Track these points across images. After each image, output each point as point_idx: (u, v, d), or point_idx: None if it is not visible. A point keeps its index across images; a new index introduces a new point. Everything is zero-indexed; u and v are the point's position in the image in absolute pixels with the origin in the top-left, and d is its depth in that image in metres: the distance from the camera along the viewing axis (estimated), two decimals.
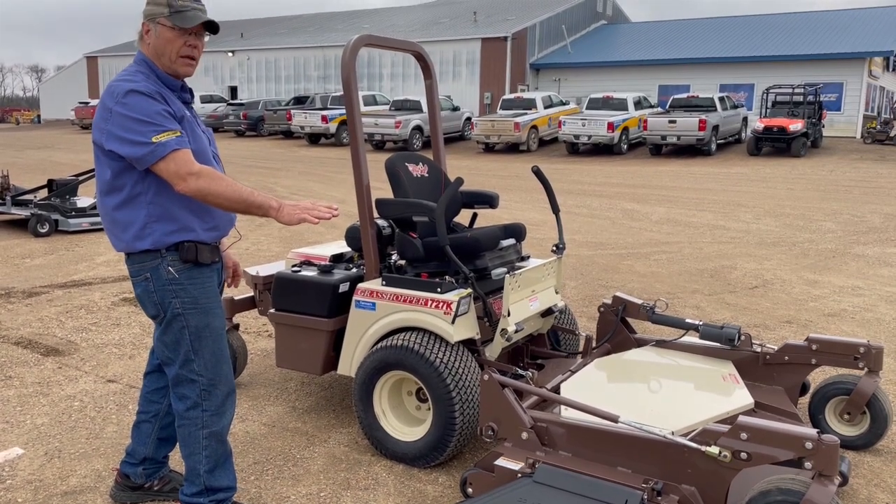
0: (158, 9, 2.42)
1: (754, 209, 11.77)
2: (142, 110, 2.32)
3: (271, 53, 38.31)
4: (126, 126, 2.31)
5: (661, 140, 20.99)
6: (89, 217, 9.24)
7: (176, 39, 2.43)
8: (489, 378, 2.76)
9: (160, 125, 2.32)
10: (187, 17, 2.42)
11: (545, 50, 32.98)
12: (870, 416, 3.40)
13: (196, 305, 2.51)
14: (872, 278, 7.05)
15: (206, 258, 2.52)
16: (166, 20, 2.41)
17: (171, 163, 2.31)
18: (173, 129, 2.34)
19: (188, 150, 2.35)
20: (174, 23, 2.41)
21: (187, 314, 2.50)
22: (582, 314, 5.70)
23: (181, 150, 2.32)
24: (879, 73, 27.76)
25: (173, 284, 2.48)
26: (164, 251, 2.46)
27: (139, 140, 2.30)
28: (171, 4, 2.41)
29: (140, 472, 2.87)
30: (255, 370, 4.48)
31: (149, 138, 2.29)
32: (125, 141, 2.31)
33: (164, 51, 2.44)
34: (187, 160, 2.33)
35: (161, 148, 2.30)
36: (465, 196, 4.04)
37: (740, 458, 2.37)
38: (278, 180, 15.70)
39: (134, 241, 2.45)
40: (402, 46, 3.87)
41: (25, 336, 5.07)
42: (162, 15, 2.41)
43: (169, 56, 2.45)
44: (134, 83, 2.36)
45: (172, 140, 2.31)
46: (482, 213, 4.25)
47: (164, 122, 2.34)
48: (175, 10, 2.41)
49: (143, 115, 2.31)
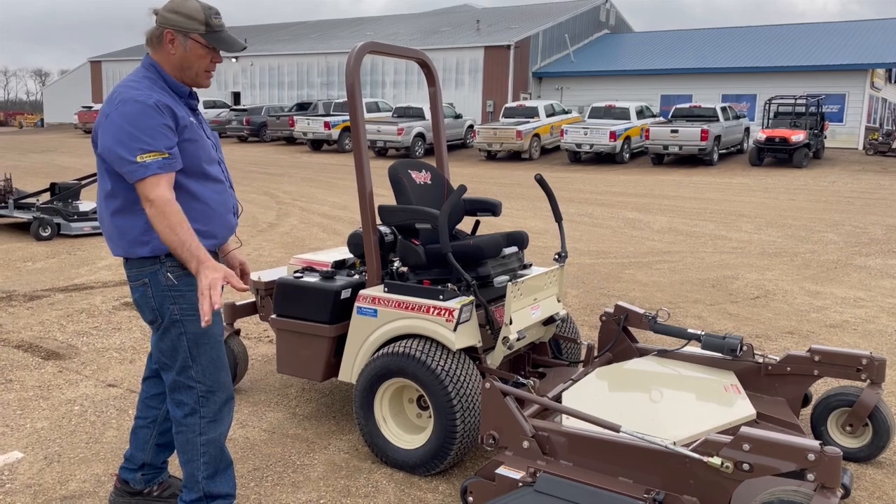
0: (192, 24, 2.40)
1: (756, 219, 11.77)
2: (136, 122, 2.29)
3: (274, 59, 38.42)
4: (117, 136, 2.30)
5: (663, 150, 21.02)
6: (91, 221, 9.25)
7: (206, 56, 2.45)
8: (491, 386, 2.75)
9: (149, 143, 2.29)
10: (224, 41, 2.45)
11: (548, 59, 33.07)
12: (872, 429, 3.39)
13: (194, 312, 2.49)
14: (874, 290, 7.04)
15: None
16: (201, 38, 2.42)
17: (145, 185, 2.29)
18: (161, 150, 2.30)
19: (164, 176, 2.30)
20: (210, 43, 2.42)
21: (185, 321, 2.49)
22: (583, 323, 5.69)
23: (158, 176, 2.29)
24: (881, 84, 27.81)
25: (172, 291, 2.47)
26: (163, 257, 2.45)
27: (125, 156, 2.28)
28: (209, 23, 2.41)
29: (139, 478, 2.86)
30: (256, 376, 4.47)
31: (134, 157, 2.27)
32: (113, 151, 2.31)
33: (192, 65, 2.45)
34: (156, 184, 2.29)
35: (142, 170, 2.28)
36: (468, 203, 4.04)
37: (742, 469, 2.36)
38: (280, 186, 15.72)
39: (133, 247, 2.45)
40: (407, 54, 3.88)
41: (26, 339, 5.07)
42: (197, 31, 2.41)
43: (195, 70, 2.46)
44: (136, 91, 2.35)
45: (155, 163, 2.29)
46: (484, 220, 4.25)
47: (155, 139, 2.30)
48: (212, 30, 2.42)
49: (135, 128, 2.29)
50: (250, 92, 39.39)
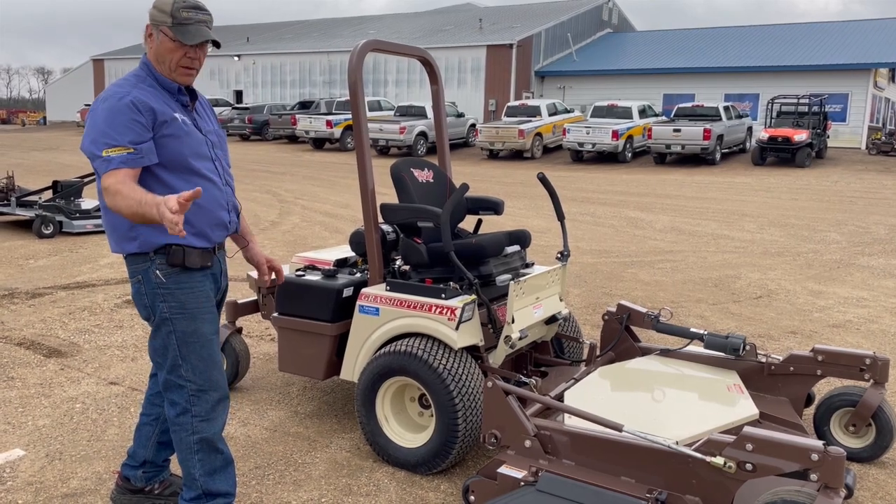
0: (162, 16, 2.39)
1: (758, 219, 11.75)
2: (107, 119, 2.32)
3: (277, 58, 38.42)
4: (90, 133, 2.34)
5: (666, 149, 21.00)
6: (93, 219, 9.26)
7: (176, 50, 2.41)
8: (493, 385, 2.75)
9: (114, 139, 2.29)
10: (189, 32, 2.39)
11: (550, 57, 33.03)
12: (875, 429, 3.38)
13: (183, 311, 2.48)
14: (877, 289, 7.02)
15: (194, 262, 2.48)
16: (168, 30, 2.39)
17: (103, 179, 2.30)
18: (125, 146, 2.30)
19: (126, 171, 2.29)
20: (175, 35, 2.39)
21: (174, 319, 2.48)
22: (585, 322, 5.68)
23: (120, 170, 2.29)
24: (885, 84, 27.75)
25: (161, 289, 2.46)
26: (152, 254, 2.45)
27: (94, 151, 2.31)
28: (175, 15, 2.38)
29: (140, 476, 2.86)
30: (258, 374, 4.47)
31: (100, 151, 2.30)
32: (86, 147, 2.35)
33: (164, 59, 2.43)
34: (110, 175, 2.28)
35: (105, 164, 2.29)
36: (470, 202, 4.03)
37: (745, 469, 2.35)
38: (282, 184, 15.72)
39: (122, 242, 2.46)
40: (409, 52, 3.87)
41: (28, 337, 5.07)
42: (165, 24, 2.39)
43: (168, 65, 2.44)
44: (116, 88, 2.39)
45: (118, 157, 2.29)
46: (487, 219, 4.24)
47: (121, 134, 2.30)
48: (178, 22, 2.38)
49: (105, 124, 2.31)
50: (252, 90, 39.40)
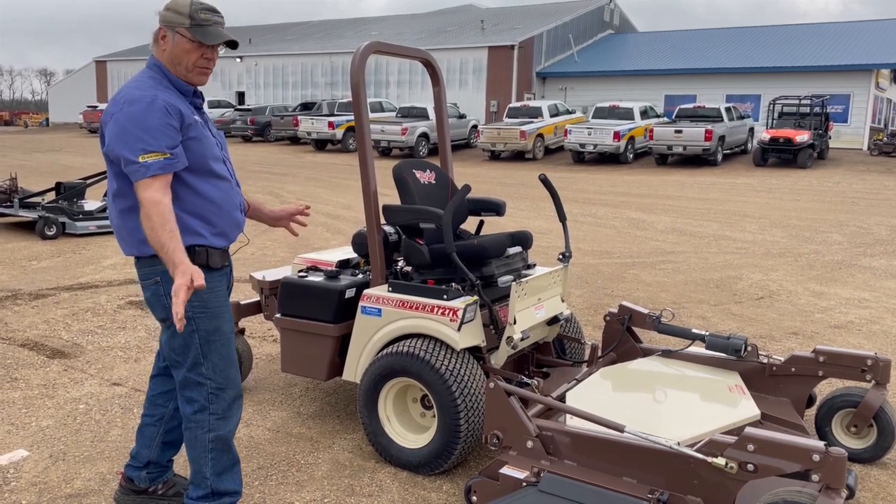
0: (178, 18, 2.41)
1: (760, 220, 11.75)
2: (139, 122, 2.30)
3: (279, 59, 38.47)
4: (121, 137, 2.31)
5: (667, 150, 21.00)
6: (96, 220, 9.28)
7: (194, 51, 2.43)
8: (495, 386, 2.76)
9: (151, 143, 2.30)
10: (208, 33, 2.42)
11: (552, 59, 33.04)
12: (877, 429, 3.38)
13: (206, 309, 2.51)
14: (879, 290, 7.02)
15: (216, 262, 2.53)
16: (186, 31, 2.41)
17: (140, 186, 2.30)
18: (162, 151, 2.31)
19: (160, 178, 2.31)
20: (194, 36, 2.41)
21: (197, 318, 2.50)
22: (587, 323, 5.68)
23: (154, 178, 2.30)
24: (886, 85, 27.73)
25: None
26: None
27: (128, 157, 2.30)
28: (193, 17, 2.40)
29: (144, 476, 2.87)
30: (260, 375, 4.48)
31: (136, 157, 2.28)
32: (117, 152, 2.33)
33: (181, 60, 2.44)
34: (148, 186, 2.29)
35: (143, 170, 2.29)
36: (472, 203, 4.04)
37: (747, 470, 2.35)
38: (285, 186, 15.74)
39: (143, 245, 2.44)
40: (411, 54, 3.88)
41: (31, 338, 5.09)
42: (182, 25, 2.41)
43: (185, 66, 2.45)
44: (141, 91, 2.37)
45: (156, 163, 2.30)
46: (488, 220, 4.25)
47: (157, 139, 2.31)
48: (196, 24, 2.41)
49: (138, 129, 2.30)
50: (254, 92, 39.45)
